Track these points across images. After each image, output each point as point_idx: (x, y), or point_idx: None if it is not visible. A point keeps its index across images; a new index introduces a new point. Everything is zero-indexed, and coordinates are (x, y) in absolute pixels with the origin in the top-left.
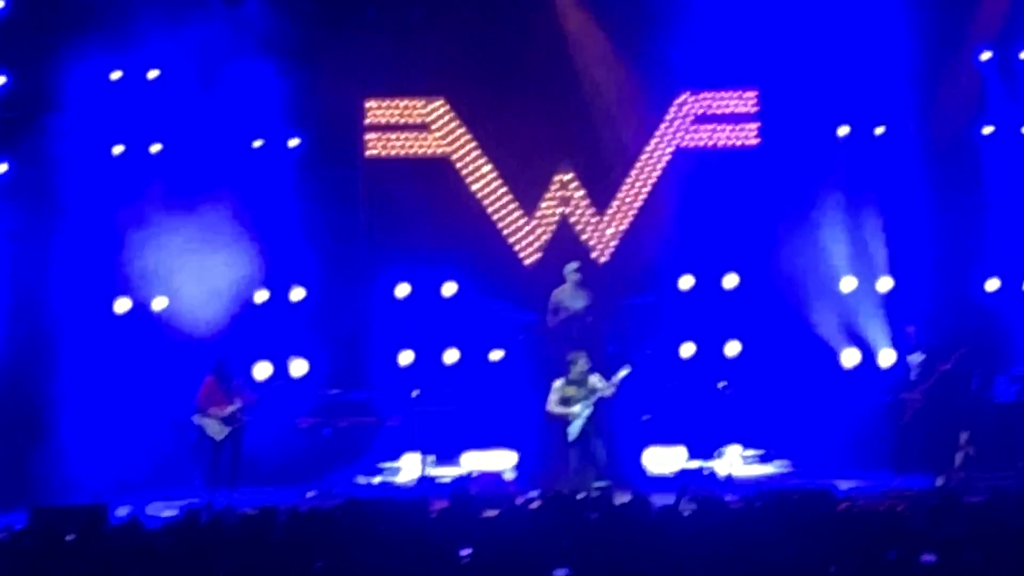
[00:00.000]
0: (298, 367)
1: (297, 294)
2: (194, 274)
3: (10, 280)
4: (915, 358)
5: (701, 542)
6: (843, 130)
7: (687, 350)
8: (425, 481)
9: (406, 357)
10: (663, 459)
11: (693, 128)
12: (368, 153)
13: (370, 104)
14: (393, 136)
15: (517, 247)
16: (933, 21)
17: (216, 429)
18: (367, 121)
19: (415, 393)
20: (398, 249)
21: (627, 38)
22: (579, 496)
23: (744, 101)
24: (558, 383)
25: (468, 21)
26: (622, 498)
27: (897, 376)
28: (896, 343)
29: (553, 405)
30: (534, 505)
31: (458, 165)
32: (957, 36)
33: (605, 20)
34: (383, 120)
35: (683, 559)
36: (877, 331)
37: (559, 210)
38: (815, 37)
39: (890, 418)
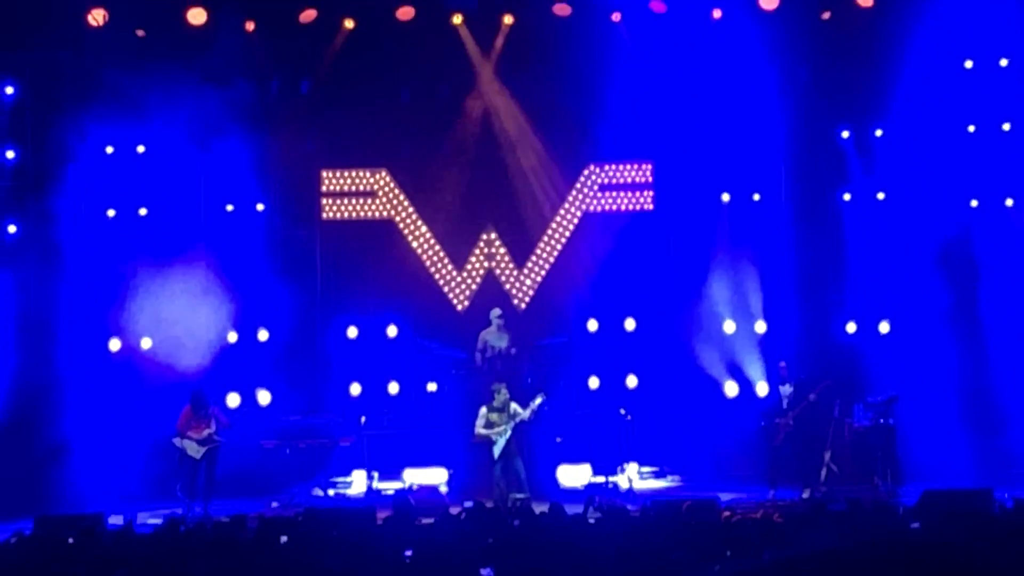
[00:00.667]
0: (263, 397)
1: (263, 335)
2: (175, 318)
3: (22, 323)
4: (786, 389)
5: (606, 544)
6: (725, 197)
7: (593, 382)
8: (372, 493)
9: (355, 388)
10: (573, 474)
11: (598, 195)
12: (324, 216)
13: (325, 174)
14: (345, 202)
15: (450, 295)
16: (801, 104)
17: (194, 449)
18: (323, 188)
19: (363, 419)
20: (349, 297)
21: (542, 118)
22: (503, 506)
23: (641, 172)
24: (483, 410)
25: (407, 103)
26: (539, 508)
27: (771, 404)
28: (770, 376)
29: (479, 429)
30: (464, 514)
31: (400, 227)
32: (821, 117)
33: (524, 103)
34: (336, 188)
35: (591, 559)
36: (754, 366)
37: (485, 264)
38: (701, 117)
39: (765, 440)
